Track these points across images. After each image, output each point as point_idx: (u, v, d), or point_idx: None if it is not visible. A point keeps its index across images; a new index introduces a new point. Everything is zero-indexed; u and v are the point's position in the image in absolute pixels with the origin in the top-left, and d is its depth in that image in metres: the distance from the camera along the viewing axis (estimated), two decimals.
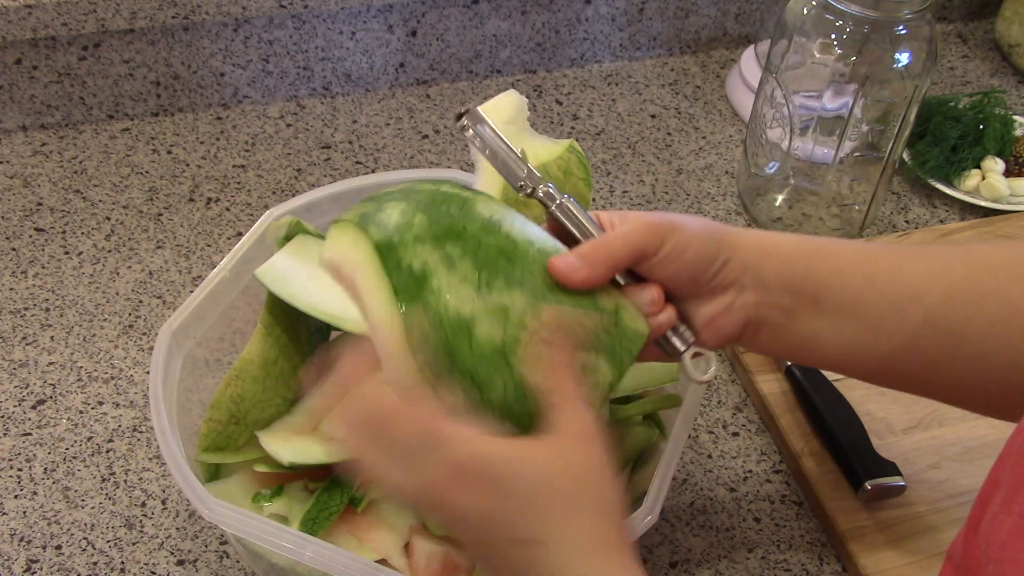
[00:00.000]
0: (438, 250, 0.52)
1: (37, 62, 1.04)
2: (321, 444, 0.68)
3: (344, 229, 0.54)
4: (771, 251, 0.56)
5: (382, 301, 0.51)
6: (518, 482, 0.46)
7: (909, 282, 0.54)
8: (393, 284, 0.51)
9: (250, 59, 1.11)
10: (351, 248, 0.53)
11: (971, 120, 1.06)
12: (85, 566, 0.72)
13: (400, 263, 0.51)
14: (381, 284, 0.51)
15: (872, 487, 0.74)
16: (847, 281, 0.55)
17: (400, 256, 0.51)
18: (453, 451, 0.46)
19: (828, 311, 0.55)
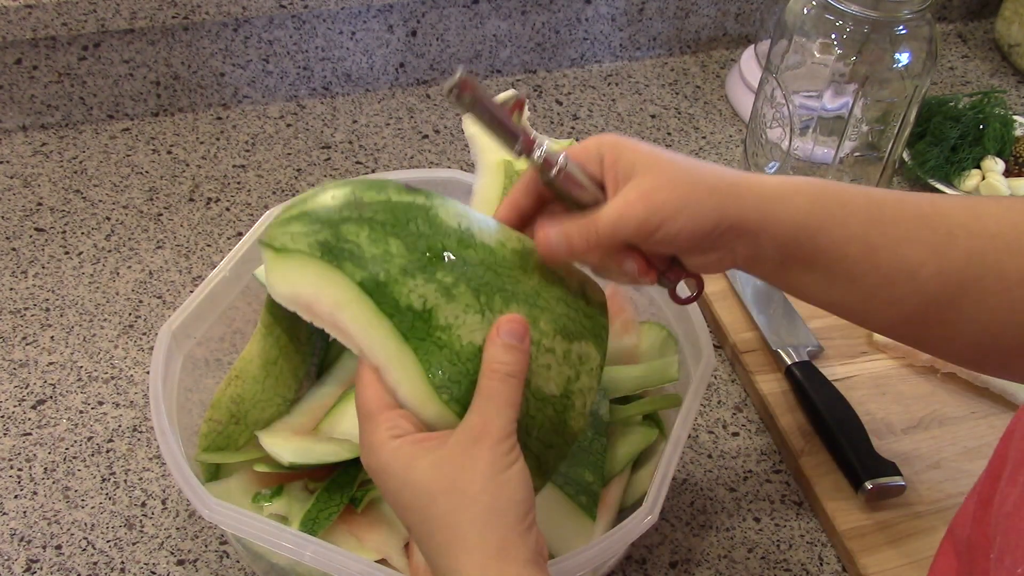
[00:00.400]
0: (431, 282, 0.51)
1: (37, 62, 1.04)
2: (321, 444, 0.68)
3: (303, 263, 0.51)
4: (774, 218, 0.53)
5: (388, 342, 0.50)
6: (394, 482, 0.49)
7: (909, 256, 0.53)
8: (398, 327, 0.50)
9: (250, 59, 1.11)
10: (324, 286, 0.51)
11: (971, 120, 1.06)
12: (85, 566, 0.72)
13: (398, 304, 0.50)
14: (382, 324, 0.50)
15: (872, 487, 0.74)
16: (847, 252, 0.53)
17: (396, 296, 0.50)
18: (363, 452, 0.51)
19: (820, 272, 0.54)
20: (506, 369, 0.49)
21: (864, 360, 0.87)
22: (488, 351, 0.50)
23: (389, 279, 0.50)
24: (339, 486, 0.68)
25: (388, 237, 0.51)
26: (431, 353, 0.50)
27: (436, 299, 0.50)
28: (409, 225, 0.52)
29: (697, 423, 0.84)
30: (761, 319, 0.88)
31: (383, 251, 0.51)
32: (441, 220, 0.53)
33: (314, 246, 0.51)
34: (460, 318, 0.50)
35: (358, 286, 0.50)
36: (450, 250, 0.52)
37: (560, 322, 0.53)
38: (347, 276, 0.50)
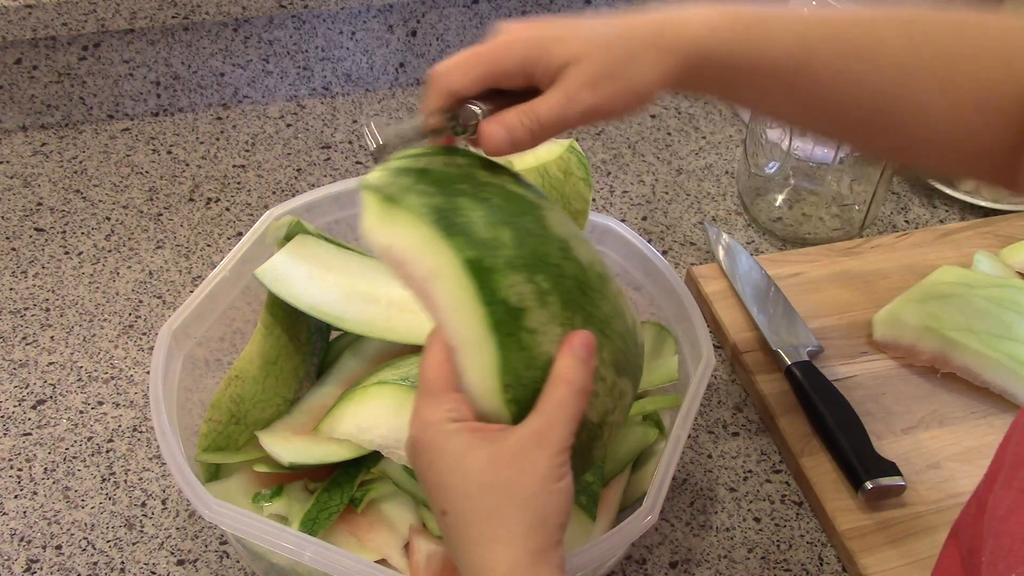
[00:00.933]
0: (530, 282, 0.50)
1: (37, 62, 1.04)
2: (321, 444, 0.68)
3: (411, 223, 0.50)
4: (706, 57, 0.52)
5: (475, 328, 0.49)
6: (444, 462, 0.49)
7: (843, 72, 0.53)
8: (489, 315, 0.49)
9: (250, 59, 1.11)
10: (427, 251, 0.50)
11: None
12: (85, 566, 0.72)
13: (496, 294, 0.49)
14: (476, 309, 0.49)
15: (872, 487, 0.74)
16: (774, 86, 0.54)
17: (495, 285, 0.49)
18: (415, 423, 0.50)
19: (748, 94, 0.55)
20: (579, 384, 0.50)
21: (864, 360, 0.87)
22: (563, 361, 0.50)
23: (494, 267, 0.49)
24: (339, 486, 0.68)
25: (501, 225, 0.50)
26: (511, 351, 0.49)
27: (530, 301, 0.50)
28: (520, 219, 0.51)
29: (697, 423, 0.84)
30: (761, 319, 0.88)
31: (494, 237, 0.50)
32: (549, 223, 0.53)
33: (428, 209, 0.50)
34: (545, 327, 0.50)
35: (464, 264, 0.49)
36: (552, 257, 0.51)
37: (616, 355, 0.54)
38: (455, 251, 0.49)
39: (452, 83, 0.51)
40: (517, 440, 0.49)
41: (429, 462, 0.50)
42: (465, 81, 0.51)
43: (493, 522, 0.48)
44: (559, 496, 0.49)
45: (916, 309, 0.86)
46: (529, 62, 0.50)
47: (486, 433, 0.49)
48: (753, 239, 1.01)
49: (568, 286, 0.51)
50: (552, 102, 0.50)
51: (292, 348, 0.73)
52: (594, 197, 1.04)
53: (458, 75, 0.50)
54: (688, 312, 0.74)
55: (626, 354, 0.55)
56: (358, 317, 0.70)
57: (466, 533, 0.49)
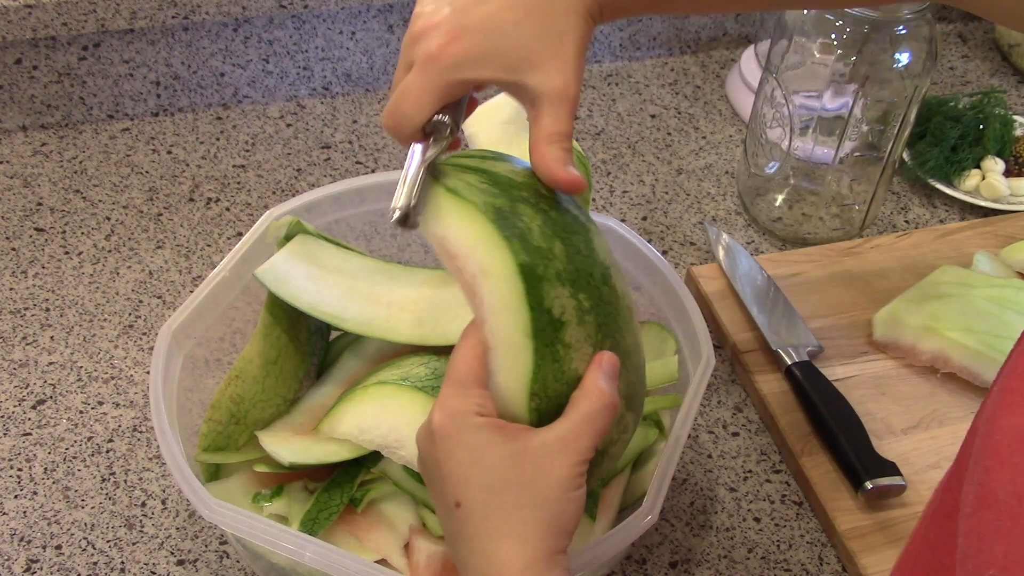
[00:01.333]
0: (574, 298, 0.51)
1: (37, 62, 1.04)
2: (321, 444, 0.68)
3: (471, 217, 0.50)
4: None
5: (516, 330, 0.50)
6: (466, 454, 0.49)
7: None
8: (532, 321, 0.49)
9: (250, 59, 1.11)
10: (482, 248, 0.50)
11: (971, 120, 1.06)
12: (85, 566, 0.72)
13: (542, 302, 0.50)
14: (521, 312, 0.49)
15: (872, 487, 0.74)
16: None
17: (543, 294, 0.50)
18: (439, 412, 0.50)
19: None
20: (609, 399, 0.50)
21: (864, 360, 0.87)
22: (593, 376, 0.51)
23: (545, 276, 0.50)
24: (339, 486, 0.68)
25: (555, 238, 0.51)
26: (545, 360, 0.50)
27: (571, 316, 0.50)
28: (572, 237, 0.52)
29: (697, 423, 0.84)
30: (761, 319, 0.88)
31: (548, 247, 0.51)
32: (596, 247, 0.54)
33: (489, 207, 0.51)
34: (580, 344, 0.51)
35: (517, 267, 0.49)
36: (595, 279, 0.52)
37: (628, 388, 0.54)
38: (512, 253, 0.50)
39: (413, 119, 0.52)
40: (543, 443, 0.49)
41: (449, 451, 0.49)
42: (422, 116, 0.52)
43: (512, 518, 0.48)
44: (575, 504, 0.49)
45: (916, 309, 0.86)
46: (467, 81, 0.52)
47: (510, 432, 0.49)
48: (753, 239, 1.01)
49: (605, 311, 0.52)
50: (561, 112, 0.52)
51: (292, 348, 0.73)
52: (594, 197, 1.04)
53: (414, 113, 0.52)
54: (688, 312, 0.74)
55: (636, 389, 0.56)
56: (358, 317, 0.70)
57: (481, 527, 0.49)
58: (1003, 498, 0.39)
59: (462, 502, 0.49)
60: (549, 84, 0.52)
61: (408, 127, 0.53)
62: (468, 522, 0.49)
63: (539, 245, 0.50)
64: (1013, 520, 0.38)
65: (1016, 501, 0.39)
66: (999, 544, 0.39)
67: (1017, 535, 0.38)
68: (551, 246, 0.51)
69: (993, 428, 0.41)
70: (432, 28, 0.52)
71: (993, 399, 0.42)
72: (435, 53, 0.51)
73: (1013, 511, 0.38)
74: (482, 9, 0.52)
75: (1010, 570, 0.38)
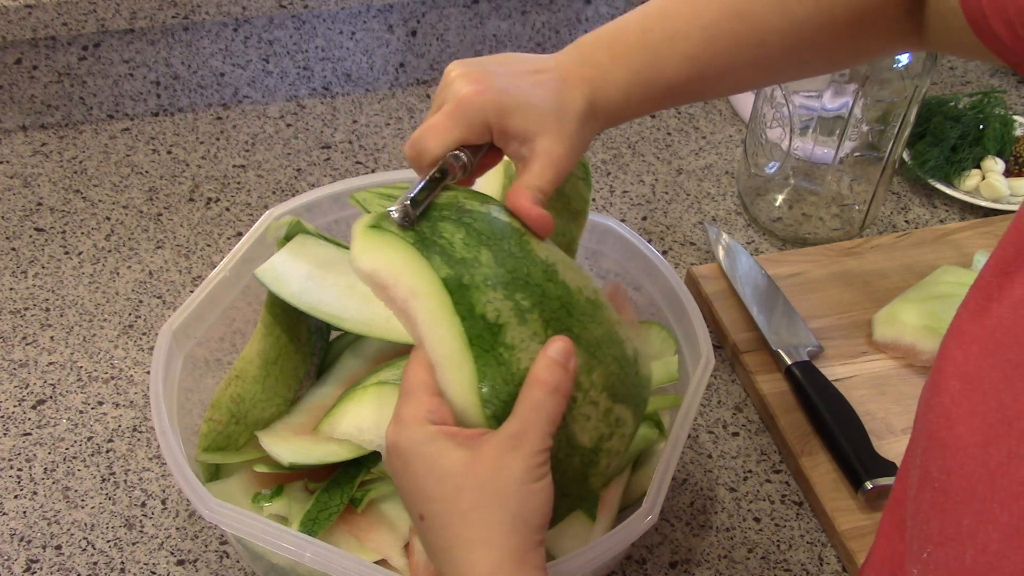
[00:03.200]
0: (509, 299, 0.51)
1: (37, 62, 1.04)
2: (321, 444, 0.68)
3: (393, 245, 0.52)
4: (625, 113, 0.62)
5: (453, 343, 0.50)
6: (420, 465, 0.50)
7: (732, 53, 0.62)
8: (466, 329, 0.50)
9: (250, 59, 1.11)
10: (407, 272, 0.51)
11: (971, 120, 1.06)
12: (85, 566, 0.72)
13: (473, 309, 0.50)
14: (453, 325, 0.50)
15: (872, 487, 0.74)
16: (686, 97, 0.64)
17: (473, 301, 0.50)
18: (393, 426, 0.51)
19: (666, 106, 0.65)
20: (553, 383, 0.50)
21: (864, 360, 0.87)
22: (536, 365, 0.50)
23: (471, 284, 0.51)
24: (339, 486, 0.68)
25: (481, 246, 0.52)
26: (489, 366, 0.50)
27: (509, 317, 0.51)
28: (502, 242, 0.53)
29: (697, 423, 0.84)
30: (761, 319, 0.88)
31: (473, 257, 0.51)
32: (532, 248, 0.54)
33: (409, 232, 0.52)
34: (525, 343, 0.51)
35: (441, 281, 0.50)
36: (534, 277, 0.53)
37: (610, 380, 0.54)
38: (433, 269, 0.50)
39: (432, 151, 0.56)
40: (493, 444, 0.49)
41: (405, 465, 0.50)
42: (443, 148, 0.56)
43: (472, 524, 0.48)
44: (537, 496, 0.49)
45: (916, 309, 0.86)
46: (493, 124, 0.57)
47: (462, 438, 0.50)
48: (753, 239, 1.01)
49: (552, 306, 0.52)
50: (548, 176, 0.57)
51: (292, 348, 0.73)
52: (594, 197, 1.04)
53: (436, 144, 0.56)
54: (688, 312, 0.74)
55: (623, 381, 0.55)
56: (358, 317, 0.70)
57: (444, 536, 0.49)
58: (935, 475, 0.40)
59: (424, 514, 0.50)
60: (550, 150, 0.57)
61: (427, 158, 0.56)
62: (433, 533, 0.50)
63: (462, 256, 0.51)
64: (944, 495, 0.40)
65: (945, 476, 0.40)
66: (935, 520, 0.40)
67: (949, 510, 0.39)
68: (476, 255, 0.51)
69: (927, 410, 0.42)
70: (463, 77, 0.56)
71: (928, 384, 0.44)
72: (463, 96, 0.56)
73: (944, 486, 0.40)
74: (510, 76, 0.57)
75: (945, 545, 0.39)
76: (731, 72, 0.63)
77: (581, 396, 0.52)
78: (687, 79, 0.61)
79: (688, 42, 0.61)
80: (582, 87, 0.59)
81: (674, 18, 0.61)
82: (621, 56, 0.61)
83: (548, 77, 0.59)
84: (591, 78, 0.60)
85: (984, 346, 0.40)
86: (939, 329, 0.83)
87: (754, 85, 0.69)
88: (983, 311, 0.42)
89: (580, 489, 0.54)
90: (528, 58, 0.60)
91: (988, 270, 0.43)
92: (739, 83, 0.66)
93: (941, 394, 0.41)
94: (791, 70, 0.66)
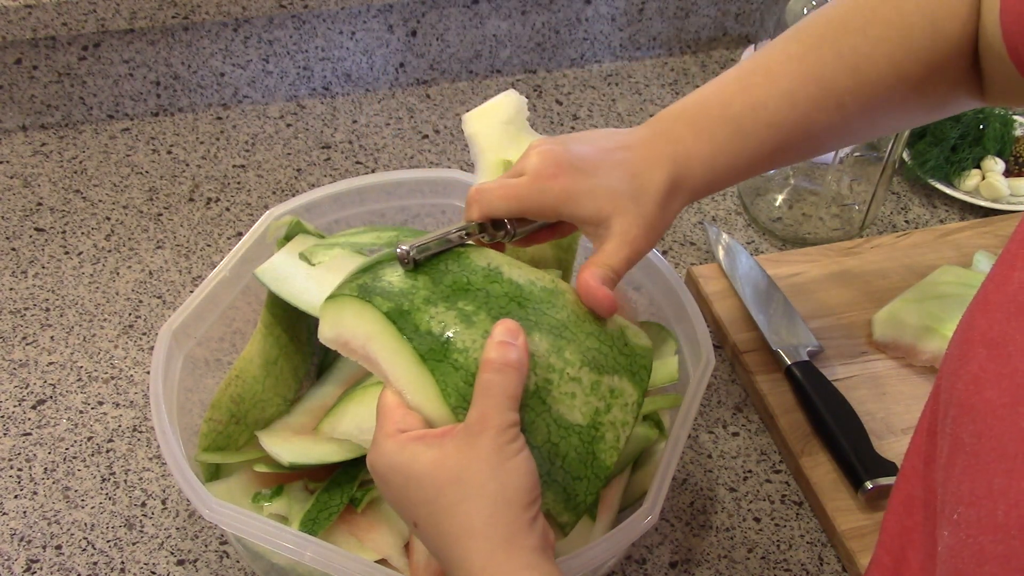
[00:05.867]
0: (452, 309, 0.53)
1: (37, 62, 1.04)
2: (321, 444, 0.68)
3: (344, 304, 0.55)
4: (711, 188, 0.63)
5: (409, 365, 0.52)
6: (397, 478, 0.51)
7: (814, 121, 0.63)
8: (416, 349, 0.52)
9: (250, 59, 1.11)
10: (358, 322, 0.54)
11: (971, 120, 1.06)
12: (85, 566, 0.72)
13: (418, 328, 0.52)
14: (403, 348, 0.52)
15: (872, 487, 0.74)
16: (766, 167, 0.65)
17: (416, 322, 0.53)
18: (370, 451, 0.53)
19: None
20: (499, 361, 0.51)
21: (864, 360, 0.87)
22: (484, 352, 0.51)
23: (412, 308, 0.53)
24: (339, 486, 0.68)
25: (417, 275, 0.55)
26: (448, 374, 0.52)
27: (455, 325, 0.53)
28: (438, 264, 0.56)
29: (697, 423, 0.84)
30: (761, 319, 0.88)
31: (410, 285, 0.54)
32: (470, 259, 0.57)
33: (353, 288, 0.55)
34: (478, 342, 0.52)
35: (384, 315, 0.53)
36: (475, 283, 0.55)
37: (589, 355, 0.55)
38: (376, 308, 0.53)
39: (493, 209, 0.58)
40: (458, 435, 0.50)
41: (386, 481, 0.52)
42: (504, 210, 0.58)
43: (456, 518, 0.49)
44: (514, 473, 0.49)
45: (916, 309, 0.86)
46: (561, 212, 0.58)
47: (431, 439, 0.51)
48: (753, 239, 1.01)
49: (499, 303, 0.54)
50: (622, 255, 0.58)
51: (292, 348, 0.73)
52: None
53: (499, 204, 0.58)
54: (688, 312, 0.74)
55: (607, 355, 0.56)
56: None
57: (438, 536, 0.50)
58: (967, 440, 0.42)
59: (416, 520, 0.51)
60: (625, 230, 0.58)
61: (484, 210, 0.58)
62: (428, 536, 0.51)
63: (400, 288, 0.54)
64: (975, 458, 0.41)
65: (976, 440, 0.41)
66: (966, 484, 0.42)
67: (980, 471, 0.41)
68: (413, 282, 0.54)
69: (955, 379, 0.44)
70: (543, 155, 0.58)
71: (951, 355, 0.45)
72: (542, 173, 0.58)
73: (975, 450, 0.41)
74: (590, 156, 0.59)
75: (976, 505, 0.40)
76: (811, 137, 0.64)
77: (557, 377, 0.53)
78: (771, 148, 0.63)
79: (769, 111, 0.62)
80: (665, 166, 0.60)
81: (753, 88, 0.62)
82: (704, 131, 0.61)
83: (629, 156, 0.60)
84: (674, 155, 0.61)
85: (1007, 311, 0.42)
86: (939, 329, 0.83)
87: (830, 148, 0.71)
88: (1006, 279, 0.43)
89: (593, 468, 0.54)
90: (613, 135, 0.62)
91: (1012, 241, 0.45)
92: (817, 147, 0.67)
93: (969, 362, 0.43)
94: (865, 130, 0.67)
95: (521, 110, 0.73)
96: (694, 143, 0.61)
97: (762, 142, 0.62)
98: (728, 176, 0.63)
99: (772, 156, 0.64)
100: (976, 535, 0.40)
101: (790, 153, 0.65)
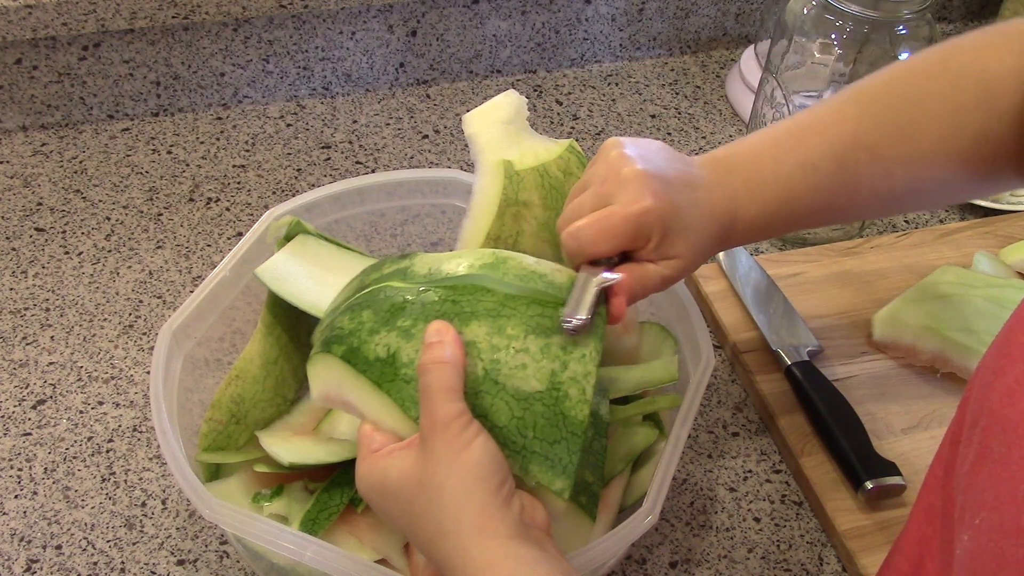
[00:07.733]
0: (393, 330, 0.56)
1: (37, 62, 1.04)
2: (321, 444, 0.68)
3: (315, 362, 0.58)
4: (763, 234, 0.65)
5: (371, 395, 0.55)
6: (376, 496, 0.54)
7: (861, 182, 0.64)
8: (371, 379, 0.55)
9: (250, 59, 1.11)
10: (328, 374, 0.57)
11: None
12: (85, 566, 0.72)
13: (368, 359, 0.55)
14: (362, 382, 0.55)
15: (872, 487, 0.74)
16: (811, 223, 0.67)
17: (365, 353, 0.55)
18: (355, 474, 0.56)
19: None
20: (430, 360, 0.52)
21: (864, 360, 0.87)
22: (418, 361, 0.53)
23: (360, 343, 0.56)
24: (339, 486, 0.68)
25: (362, 311, 0.57)
26: (401, 389, 0.54)
27: (398, 343, 0.55)
28: (379, 294, 0.58)
29: (697, 423, 0.84)
30: (761, 319, 0.88)
31: (357, 323, 0.57)
32: (415, 272, 0.59)
33: (318, 345, 0.58)
34: (419, 351, 0.54)
35: (340, 359, 0.56)
36: (412, 301, 0.57)
37: (533, 321, 0.55)
38: (334, 355, 0.56)
39: (598, 254, 0.59)
40: (416, 445, 0.52)
41: (371, 500, 0.55)
42: (607, 252, 0.59)
43: (428, 524, 0.51)
44: (470, 463, 0.50)
45: (916, 309, 0.86)
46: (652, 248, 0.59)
47: (397, 453, 0.53)
48: None
49: (433, 310, 0.56)
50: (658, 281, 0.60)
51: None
52: None
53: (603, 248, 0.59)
54: (688, 312, 0.74)
55: (551, 315, 0.56)
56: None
57: (423, 542, 0.52)
58: (996, 449, 0.43)
59: (404, 531, 0.53)
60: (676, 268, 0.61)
61: (589, 256, 0.59)
62: (418, 544, 0.53)
63: (351, 329, 0.57)
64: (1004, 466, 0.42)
65: (1006, 449, 0.42)
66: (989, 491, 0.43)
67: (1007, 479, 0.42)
68: (360, 319, 0.57)
69: (988, 391, 0.45)
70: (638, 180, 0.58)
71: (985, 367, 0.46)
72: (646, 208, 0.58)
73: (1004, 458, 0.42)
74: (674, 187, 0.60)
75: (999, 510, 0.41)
76: (856, 203, 0.64)
77: (503, 355, 0.54)
78: (816, 209, 0.64)
79: (819, 174, 0.63)
80: (722, 219, 0.62)
81: (806, 149, 0.63)
82: (756, 190, 0.63)
83: (700, 198, 0.61)
84: (730, 210, 0.63)
85: None
86: (939, 329, 0.83)
87: (874, 216, 0.73)
88: None
89: (567, 427, 0.54)
90: (675, 158, 0.62)
91: None
92: (861, 213, 0.68)
93: (1006, 375, 0.44)
94: (911, 201, 0.68)
95: (521, 110, 0.73)
96: (747, 200, 0.63)
97: (809, 205, 0.64)
98: (770, 231, 0.65)
99: (816, 217, 0.65)
100: (997, 540, 0.40)
101: (834, 215, 0.66)
